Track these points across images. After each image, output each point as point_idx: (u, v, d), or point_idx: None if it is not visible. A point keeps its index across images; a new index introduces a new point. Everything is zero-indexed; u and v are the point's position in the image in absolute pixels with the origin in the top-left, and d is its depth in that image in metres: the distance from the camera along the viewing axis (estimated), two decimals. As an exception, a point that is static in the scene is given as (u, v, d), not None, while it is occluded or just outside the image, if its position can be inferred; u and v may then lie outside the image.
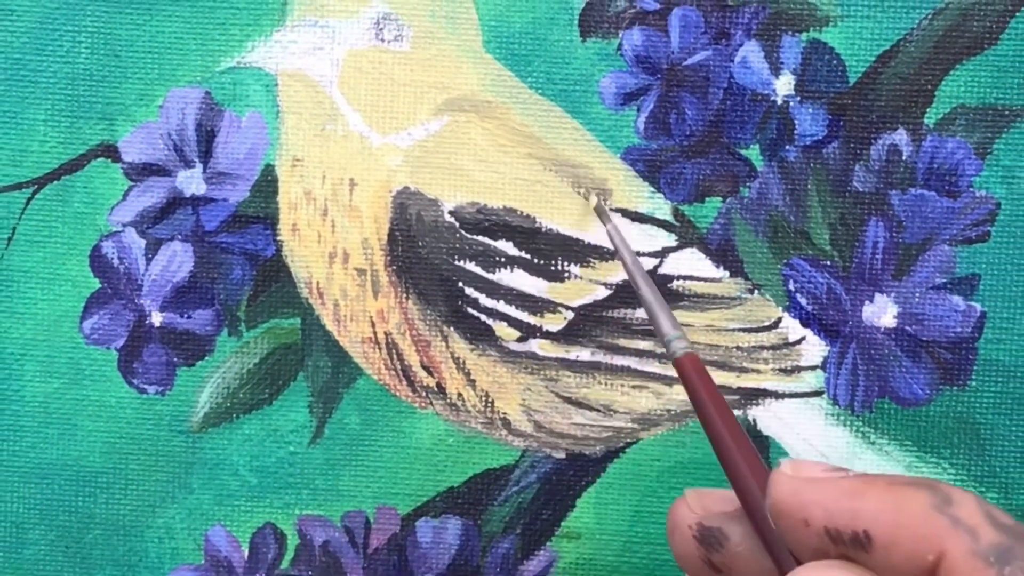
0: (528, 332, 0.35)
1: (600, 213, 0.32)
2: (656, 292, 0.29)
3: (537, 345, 0.35)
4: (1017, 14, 0.34)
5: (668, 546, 0.34)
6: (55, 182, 0.36)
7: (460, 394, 0.35)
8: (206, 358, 0.36)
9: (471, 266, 0.35)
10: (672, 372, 0.34)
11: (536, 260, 0.35)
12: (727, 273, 0.35)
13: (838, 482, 0.24)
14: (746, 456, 0.26)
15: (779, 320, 0.35)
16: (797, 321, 0.35)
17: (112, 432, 0.36)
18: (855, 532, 0.23)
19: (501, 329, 0.35)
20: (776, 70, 0.35)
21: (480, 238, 0.35)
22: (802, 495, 0.24)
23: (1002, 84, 0.34)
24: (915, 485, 0.23)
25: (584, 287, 0.35)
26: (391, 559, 0.36)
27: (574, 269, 0.35)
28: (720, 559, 0.25)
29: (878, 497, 0.23)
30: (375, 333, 0.35)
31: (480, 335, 0.35)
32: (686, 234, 0.35)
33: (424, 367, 0.35)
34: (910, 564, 0.22)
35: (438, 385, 0.36)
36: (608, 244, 0.35)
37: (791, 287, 0.35)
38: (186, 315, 0.36)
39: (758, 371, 0.35)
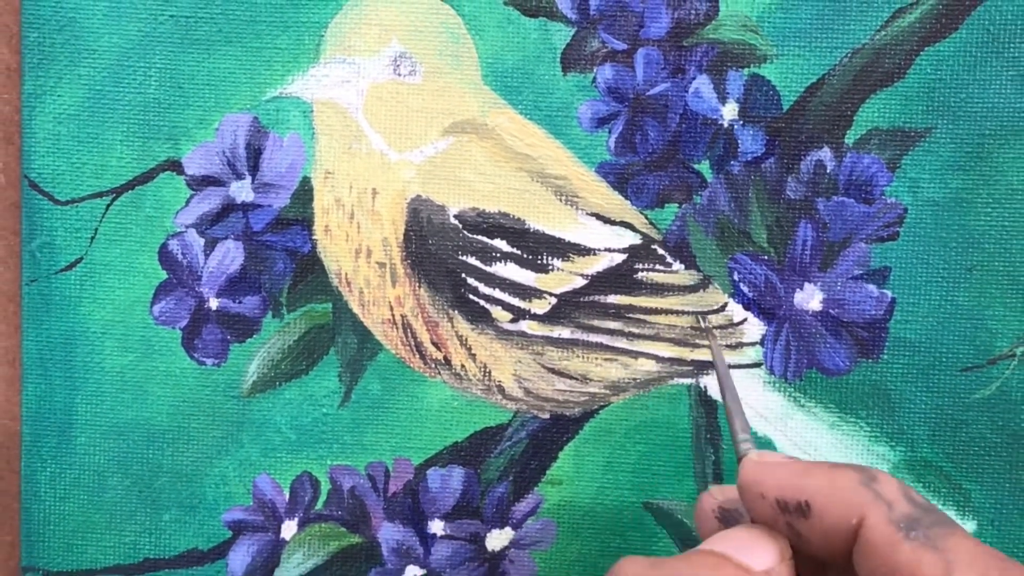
0: (519, 314, 0.36)
1: (705, 331, 0.33)
2: (738, 402, 0.31)
3: (526, 325, 0.37)
4: (921, 53, 0.36)
5: (638, 512, 0.36)
6: (130, 191, 0.37)
7: (463, 365, 0.37)
8: (254, 336, 0.38)
9: (472, 260, 0.36)
10: (637, 347, 0.37)
11: (525, 255, 0.36)
12: (683, 266, 0.37)
13: (790, 465, 0.27)
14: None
15: (725, 304, 0.37)
16: (740, 305, 0.37)
17: (176, 397, 0.38)
18: (799, 502, 0.25)
19: (497, 312, 0.37)
20: (723, 99, 0.36)
21: (479, 237, 0.36)
22: (761, 474, 0.27)
23: (909, 111, 0.36)
24: (849, 467, 0.25)
25: (565, 277, 0.36)
26: (406, 501, 0.38)
27: (557, 263, 0.36)
28: None
29: (819, 475, 0.25)
30: (393, 315, 0.37)
31: (479, 317, 0.37)
32: (649, 233, 0.37)
33: (433, 343, 0.37)
34: (839, 527, 0.25)
35: (445, 358, 0.37)
36: (588, 241, 0.36)
37: (735, 277, 0.36)
38: (238, 301, 0.38)
39: (708, 347, 0.37)
